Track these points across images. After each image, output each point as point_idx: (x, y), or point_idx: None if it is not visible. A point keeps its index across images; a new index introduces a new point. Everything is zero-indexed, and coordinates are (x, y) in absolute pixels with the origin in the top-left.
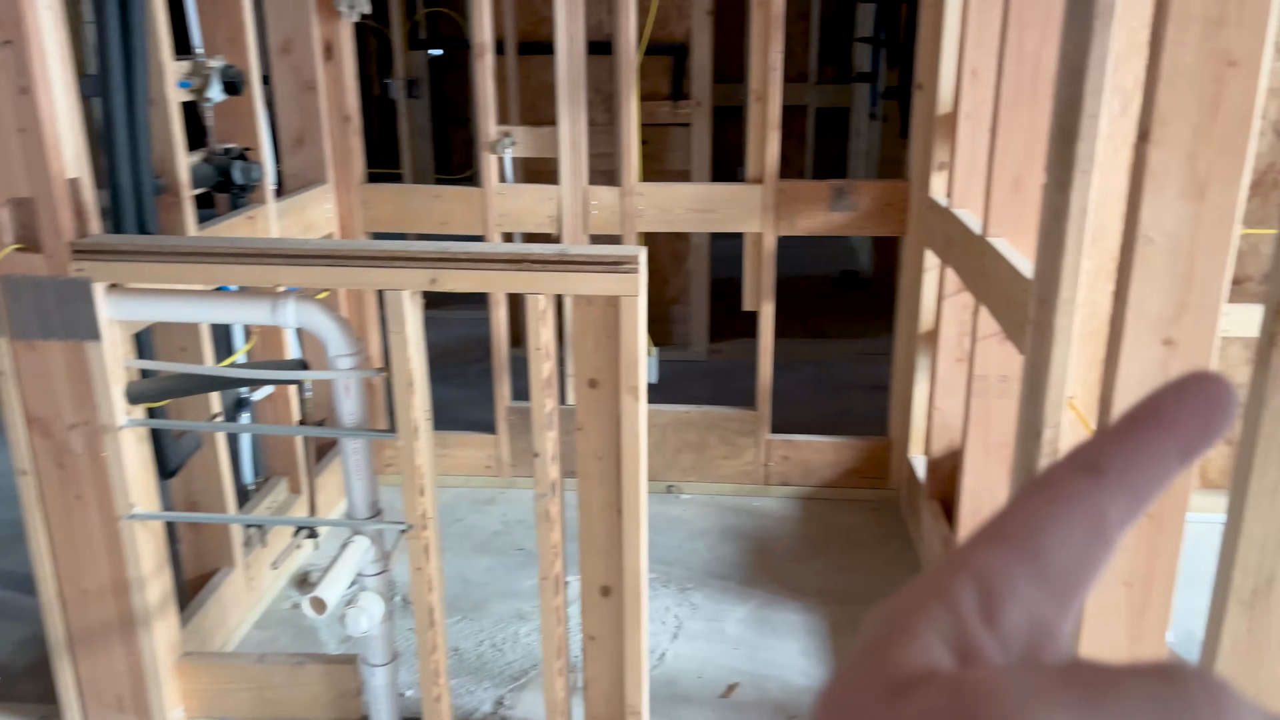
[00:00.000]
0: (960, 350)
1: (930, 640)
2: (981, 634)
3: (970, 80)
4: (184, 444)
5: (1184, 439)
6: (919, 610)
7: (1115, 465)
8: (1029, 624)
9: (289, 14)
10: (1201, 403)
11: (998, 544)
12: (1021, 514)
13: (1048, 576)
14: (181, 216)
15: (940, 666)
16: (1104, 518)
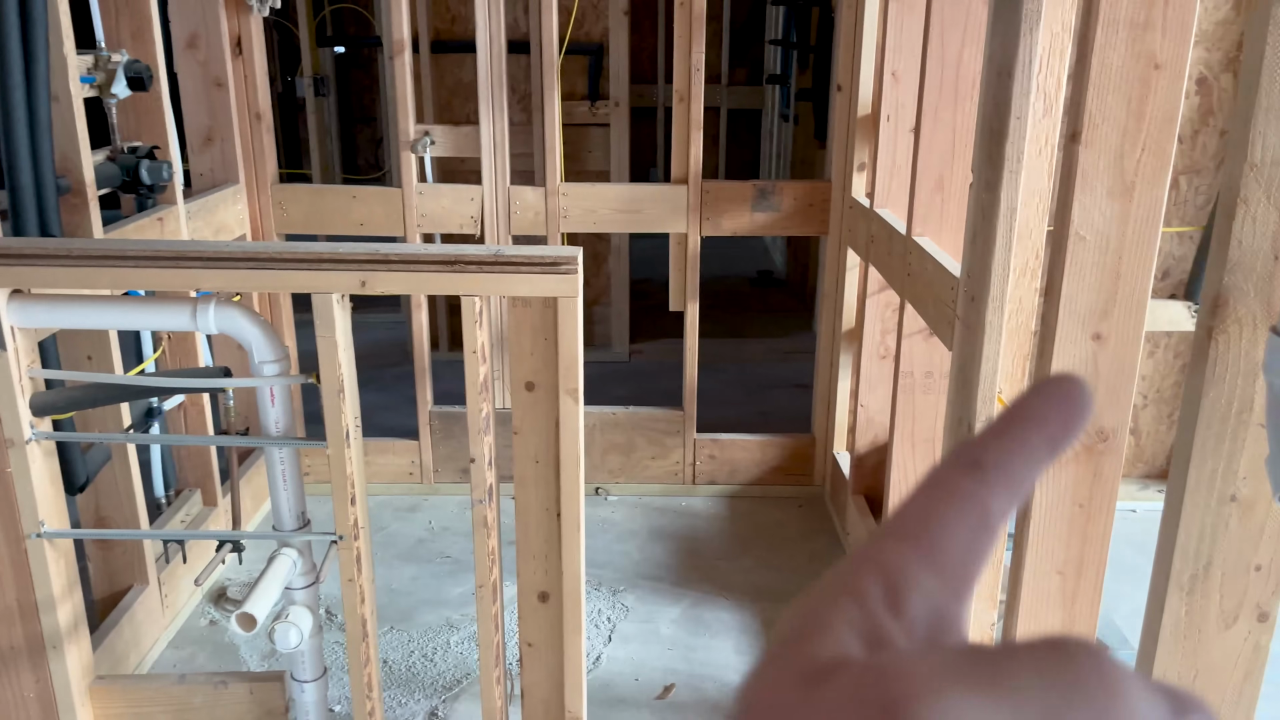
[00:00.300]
0: (884, 347)
1: (842, 631)
2: (888, 623)
3: (891, 82)
4: (93, 458)
5: (1051, 434)
6: (830, 605)
7: (995, 462)
8: (929, 612)
9: (195, 7)
10: (1064, 401)
11: (898, 540)
12: (917, 511)
13: (943, 567)
14: (86, 218)
15: (852, 654)
16: (988, 510)
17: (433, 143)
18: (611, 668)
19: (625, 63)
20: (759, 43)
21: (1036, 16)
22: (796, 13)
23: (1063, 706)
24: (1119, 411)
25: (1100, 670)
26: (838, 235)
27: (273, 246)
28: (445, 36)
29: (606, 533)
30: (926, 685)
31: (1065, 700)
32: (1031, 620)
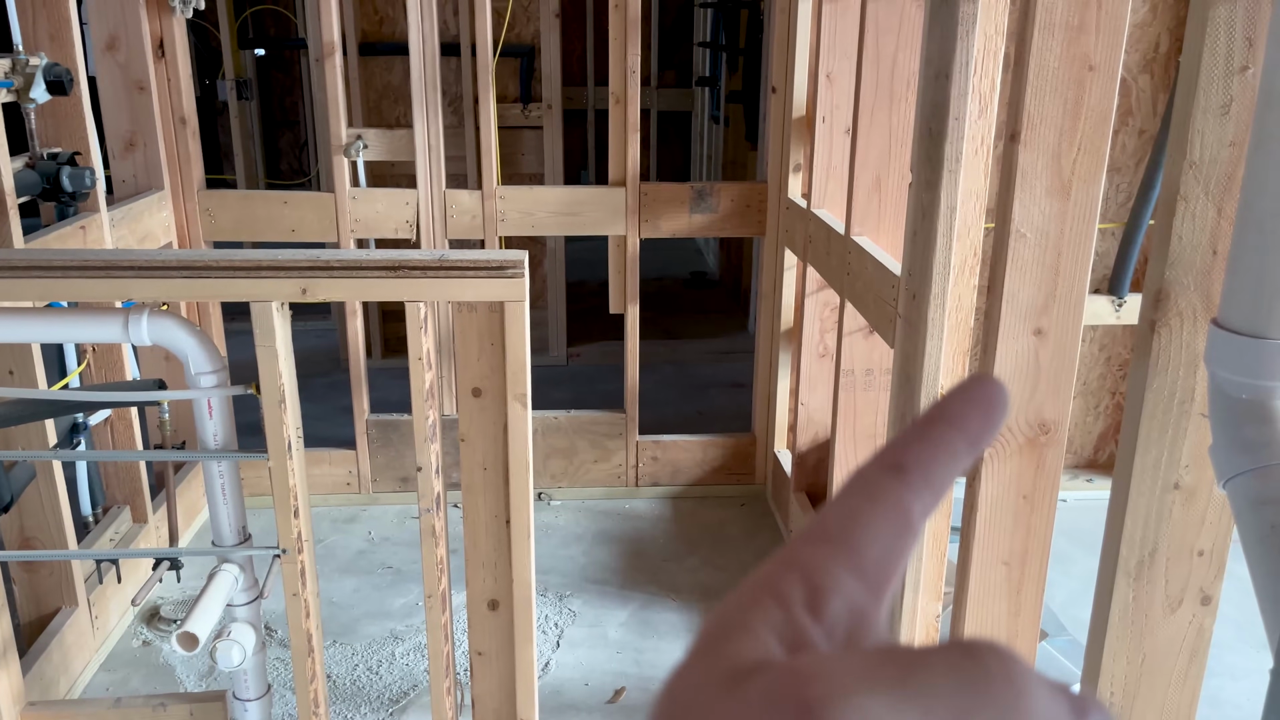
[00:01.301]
0: (823, 346)
1: (763, 633)
2: (809, 625)
3: (825, 84)
4: (16, 476)
5: (971, 434)
6: (752, 606)
7: (917, 464)
8: (850, 613)
9: (115, 8)
10: (983, 402)
11: (820, 542)
12: (839, 514)
13: (864, 568)
14: (6, 227)
15: (773, 656)
16: (910, 511)
17: (365, 146)
18: (561, 674)
19: (558, 65)
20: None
21: (972, 20)
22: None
23: (971, 707)
24: (1060, 404)
25: (1007, 672)
26: (775, 236)
27: (209, 254)
28: (373, 39)
29: (551, 538)
30: (840, 687)
31: (973, 701)
32: (978, 611)
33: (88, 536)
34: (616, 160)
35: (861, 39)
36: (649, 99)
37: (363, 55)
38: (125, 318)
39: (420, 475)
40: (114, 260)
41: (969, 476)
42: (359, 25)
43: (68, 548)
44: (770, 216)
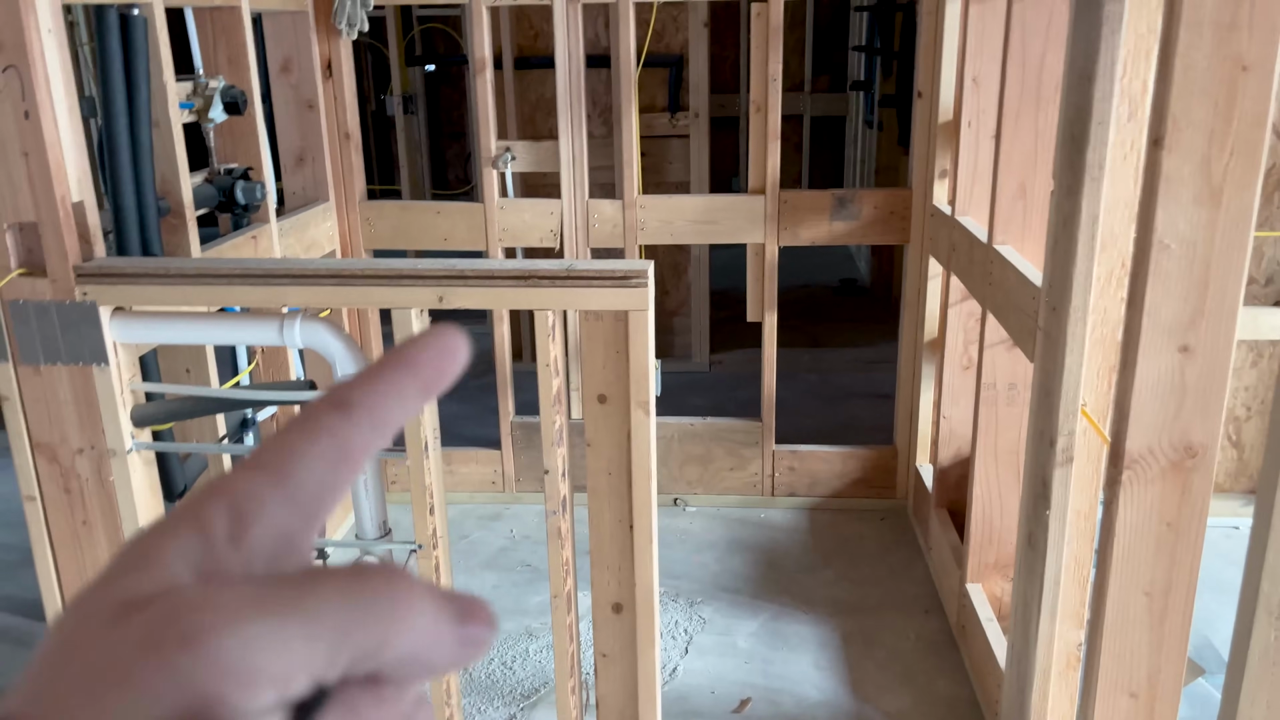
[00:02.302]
0: (966, 358)
1: (172, 563)
2: (228, 553)
3: (971, 88)
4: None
5: (424, 379)
6: (169, 536)
7: (363, 401)
8: (276, 539)
9: (289, 33)
10: (439, 349)
11: (253, 471)
12: (278, 445)
13: (296, 497)
14: (185, 238)
15: (174, 586)
16: (350, 444)
17: (513, 158)
18: (688, 680)
19: (705, 74)
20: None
21: (1118, 19)
22: (879, 18)
23: (353, 624)
24: (1209, 426)
25: (392, 586)
26: (919, 244)
27: (355, 263)
28: (528, 53)
29: (684, 544)
30: (225, 614)
31: (356, 618)
32: (1116, 641)
33: None
34: (756, 168)
35: (1006, 40)
36: (802, 104)
37: (518, 69)
38: (281, 322)
39: (547, 478)
40: (270, 269)
41: (1106, 500)
42: (515, 41)
43: None
44: (915, 224)
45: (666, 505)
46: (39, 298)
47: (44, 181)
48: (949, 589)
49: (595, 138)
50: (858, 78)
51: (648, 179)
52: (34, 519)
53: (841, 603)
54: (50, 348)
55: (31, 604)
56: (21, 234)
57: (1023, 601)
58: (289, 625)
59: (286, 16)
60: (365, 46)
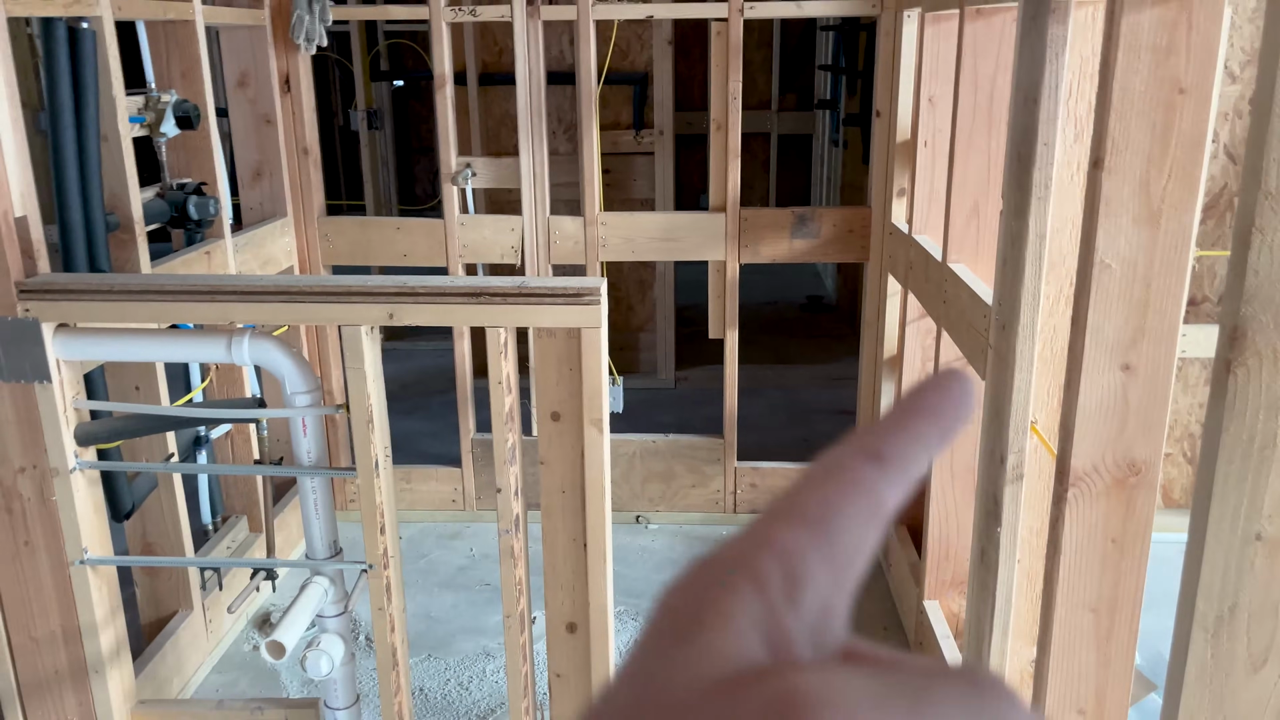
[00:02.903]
0: (924, 375)
1: (743, 625)
2: (790, 620)
3: (928, 108)
4: (138, 485)
5: (944, 426)
6: (730, 591)
7: (894, 453)
8: (820, 606)
9: (246, 48)
10: (956, 393)
11: (797, 525)
12: (817, 497)
13: (837, 558)
14: (135, 253)
15: (756, 655)
16: (884, 502)
17: (474, 174)
18: None
19: (670, 92)
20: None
21: (1063, 42)
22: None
23: None
24: (1152, 444)
25: (1014, 712)
26: (878, 262)
27: (304, 280)
28: (493, 69)
29: (646, 561)
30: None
31: None
32: (1063, 660)
33: (206, 544)
34: (717, 185)
35: (959, 62)
36: (769, 122)
37: (482, 85)
38: (229, 339)
39: (500, 497)
40: (217, 286)
41: (1052, 517)
42: (479, 57)
43: (184, 554)
44: (874, 242)
45: (629, 523)
46: None
47: None
48: (907, 606)
49: (560, 154)
50: (824, 96)
51: (613, 196)
52: None
53: None
54: None
55: None
56: None
57: (976, 618)
58: None
59: (243, 31)
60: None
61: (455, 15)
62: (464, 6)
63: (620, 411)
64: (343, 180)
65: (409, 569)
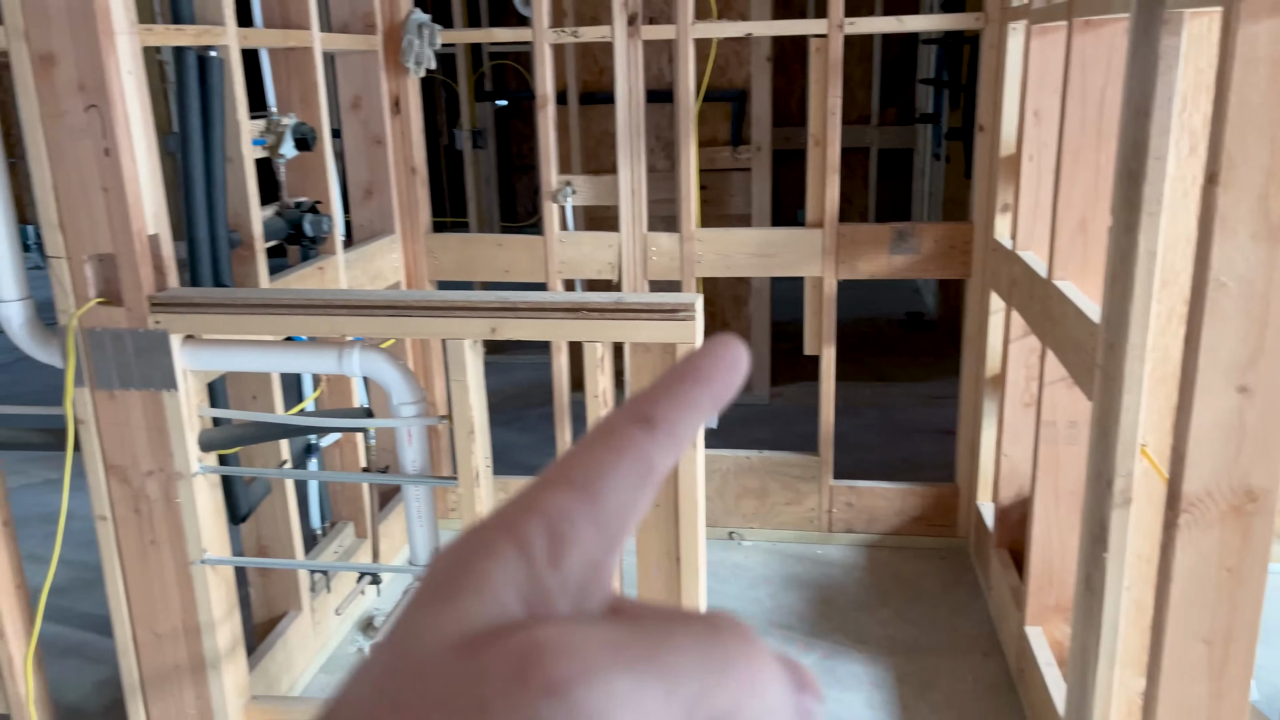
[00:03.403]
0: (1028, 395)
1: (501, 588)
2: (550, 581)
3: (1033, 121)
4: (254, 490)
5: (715, 391)
6: (490, 553)
7: (665, 416)
8: (585, 566)
9: (359, 72)
10: (726, 360)
11: (565, 488)
12: (585, 459)
13: (604, 520)
14: (254, 269)
15: (511, 616)
16: (652, 465)
17: (573, 192)
18: None
19: (768, 108)
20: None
21: (1175, 53)
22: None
23: (713, 685)
24: (1269, 469)
25: (748, 651)
26: (980, 278)
27: (410, 295)
28: (594, 88)
29: (739, 579)
30: (588, 664)
31: (714, 680)
32: (1174, 691)
33: (315, 548)
34: (815, 201)
35: (1066, 74)
36: (870, 137)
37: (583, 104)
38: (339, 351)
39: None
40: (330, 300)
41: (1163, 544)
42: (580, 76)
43: (295, 557)
44: (976, 258)
45: (722, 539)
46: (115, 326)
47: (121, 215)
48: (1009, 631)
49: (658, 171)
50: (926, 110)
51: (710, 212)
52: (105, 538)
53: (897, 642)
54: (124, 374)
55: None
56: (100, 265)
57: (1081, 647)
58: (648, 681)
59: (357, 56)
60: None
61: (557, 37)
62: (565, 28)
63: (714, 427)
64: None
65: None
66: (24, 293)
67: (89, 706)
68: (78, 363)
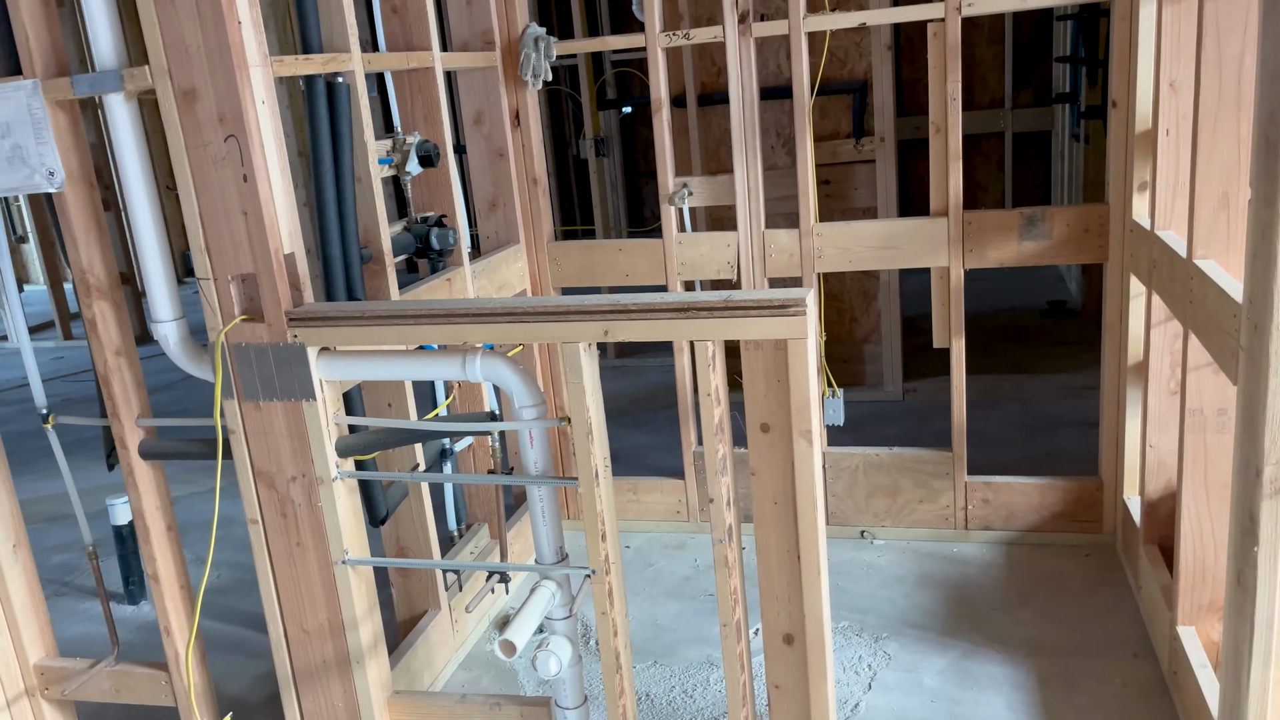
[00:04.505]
0: (1173, 382)
1: None
2: None
3: (1169, 94)
4: (392, 494)
5: None
6: None
7: None
8: None
9: (480, 88)
10: None
11: None
12: None
13: None
14: (385, 282)
15: None
16: None
17: (690, 193)
18: (870, 716)
19: (890, 98)
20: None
21: None
22: (1084, 27)
23: None
24: None
25: None
26: (1119, 261)
27: (528, 302)
28: (711, 89)
29: (870, 578)
30: None
31: None
32: None
33: (451, 549)
34: (938, 189)
35: (1199, 42)
36: (1003, 121)
37: (701, 106)
38: (464, 358)
39: (712, 507)
40: (452, 309)
41: None
42: (698, 78)
43: (432, 558)
44: (1113, 240)
45: (853, 538)
46: (257, 340)
47: (260, 236)
48: (1160, 632)
49: (779, 168)
50: (1062, 89)
51: (833, 206)
52: (256, 541)
53: (1039, 643)
54: (267, 385)
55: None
56: (243, 284)
57: (1234, 647)
58: None
59: (477, 73)
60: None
61: (669, 40)
62: (677, 31)
63: (841, 424)
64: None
65: (636, 577)
66: (178, 313)
67: (249, 698)
68: (226, 376)
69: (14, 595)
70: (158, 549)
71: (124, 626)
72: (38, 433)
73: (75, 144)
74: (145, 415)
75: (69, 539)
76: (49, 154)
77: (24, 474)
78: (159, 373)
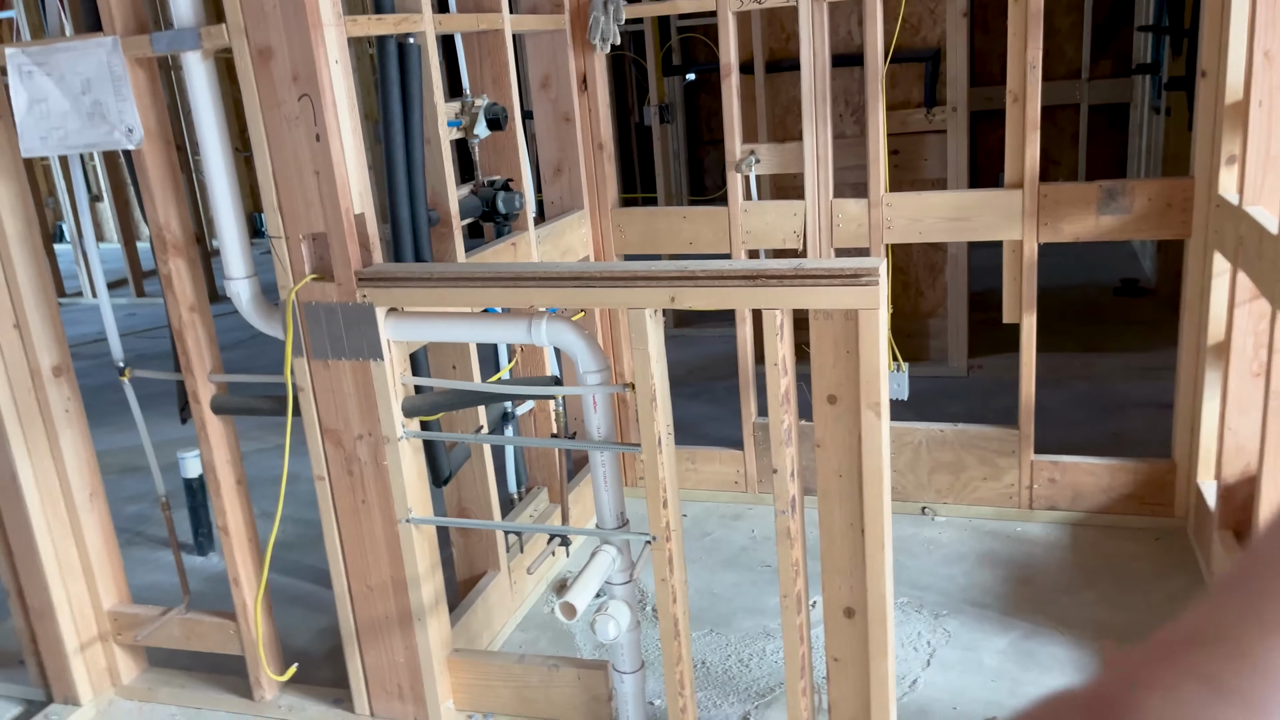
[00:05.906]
0: (1257, 363)
1: None
2: None
3: (1262, 63)
4: (455, 455)
5: None
6: None
7: None
8: None
9: (548, 51)
10: None
11: None
12: None
13: None
14: (452, 245)
15: None
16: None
17: (757, 161)
18: (928, 693)
19: (964, 66)
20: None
21: None
22: None
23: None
24: None
25: None
26: (1202, 237)
27: (594, 267)
28: (780, 56)
29: (931, 554)
30: None
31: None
32: None
33: (511, 511)
34: (1014, 161)
35: None
36: (1079, 92)
37: (769, 73)
38: (529, 322)
39: (776, 478)
40: (520, 273)
41: None
42: (766, 44)
43: (492, 519)
44: (1197, 215)
45: (914, 514)
46: (327, 300)
47: (331, 197)
48: None
49: (849, 137)
50: (1143, 60)
51: (902, 177)
52: (323, 497)
53: (1105, 626)
54: (336, 344)
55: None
56: (314, 243)
57: None
58: None
59: (546, 35)
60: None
61: (741, 4)
62: None
63: (905, 399)
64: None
65: (693, 546)
66: (250, 270)
67: (313, 651)
68: (296, 334)
69: (90, 543)
70: (228, 502)
71: (193, 577)
72: (113, 386)
73: (153, 102)
74: (217, 371)
75: (142, 490)
76: (128, 111)
77: (100, 426)
78: (230, 330)
